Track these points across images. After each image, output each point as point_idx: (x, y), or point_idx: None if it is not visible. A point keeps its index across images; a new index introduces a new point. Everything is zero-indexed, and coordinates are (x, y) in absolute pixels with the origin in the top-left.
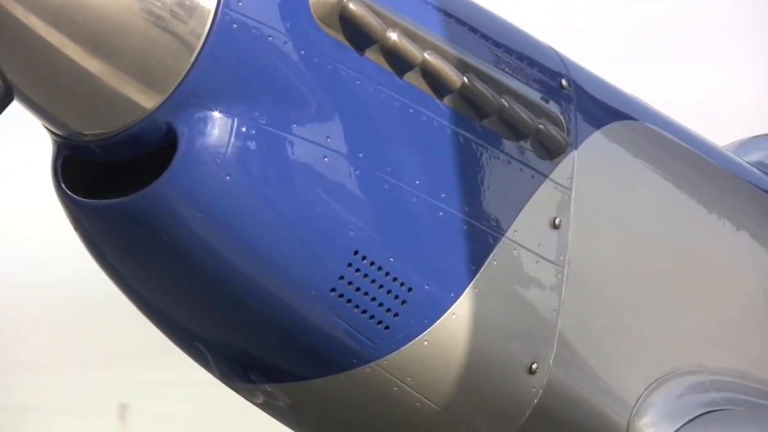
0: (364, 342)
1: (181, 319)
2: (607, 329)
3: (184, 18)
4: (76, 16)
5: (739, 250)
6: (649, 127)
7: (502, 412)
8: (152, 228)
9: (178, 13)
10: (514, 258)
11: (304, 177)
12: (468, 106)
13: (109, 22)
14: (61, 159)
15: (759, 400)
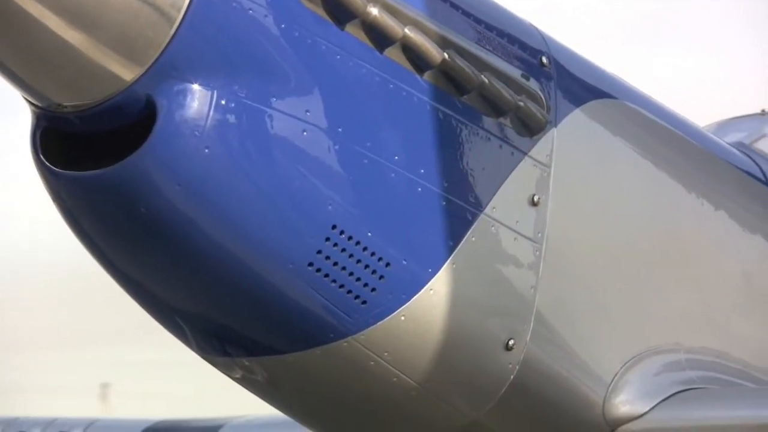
0: (341, 316)
1: (159, 292)
2: (584, 306)
3: None
4: None
5: (719, 230)
6: (629, 105)
7: (479, 388)
8: (130, 200)
9: None
10: (492, 234)
11: (283, 151)
12: (448, 83)
13: None
14: (40, 130)
15: (735, 379)
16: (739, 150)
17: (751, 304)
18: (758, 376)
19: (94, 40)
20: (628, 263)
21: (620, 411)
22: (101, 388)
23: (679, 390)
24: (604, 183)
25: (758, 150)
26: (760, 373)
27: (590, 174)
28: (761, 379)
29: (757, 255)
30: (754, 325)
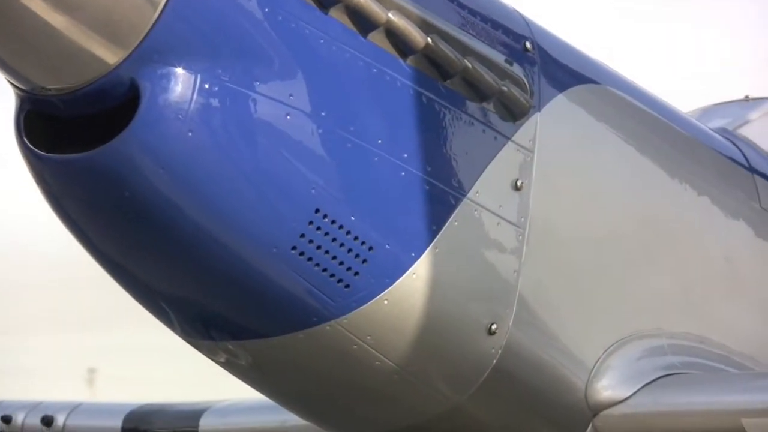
0: (324, 300)
1: (142, 276)
2: (567, 291)
3: None
4: None
5: (701, 216)
6: (612, 91)
7: (461, 372)
8: (113, 183)
9: None
10: (475, 219)
11: (266, 135)
12: (431, 67)
13: None
14: (23, 113)
15: (717, 364)
16: (723, 136)
17: (732, 290)
18: (740, 362)
19: (78, 23)
20: (611, 248)
21: (602, 396)
22: (88, 373)
23: (660, 375)
24: (587, 168)
25: (741, 136)
26: (741, 359)
27: (573, 159)
28: (743, 364)
29: (740, 240)
30: (736, 310)
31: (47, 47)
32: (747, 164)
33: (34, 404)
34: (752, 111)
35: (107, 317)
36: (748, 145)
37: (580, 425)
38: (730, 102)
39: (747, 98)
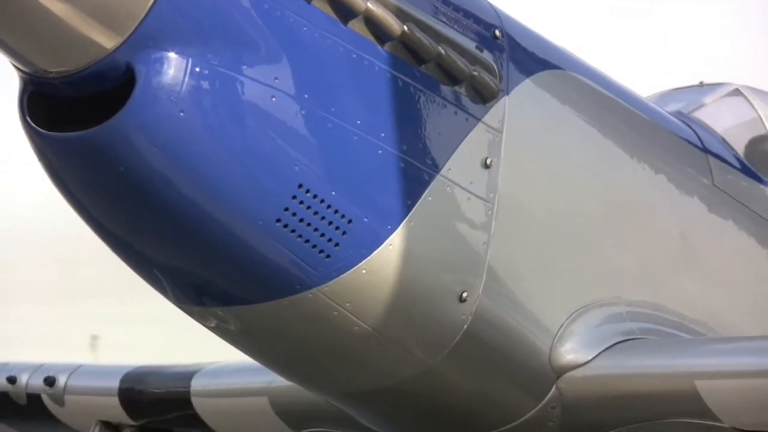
0: (306, 269)
1: (138, 246)
2: (532, 262)
3: None
4: None
5: (657, 193)
6: (575, 76)
7: (434, 337)
8: (110, 159)
9: None
10: (447, 194)
11: (253, 115)
12: (407, 53)
13: None
14: (27, 94)
15: (672, 330)
16: (679, 118)
17: (686, 262)
18: (693, 328)
19: (78, 10)
20: (574, 222)
21: (565, 359)
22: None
23: (620, 340)
24: (552, 147)
25: (696, 119)
26: (694, 325)
27: (539, 139)
28: (696, 330)
29: (693, 215)
30: (690, 280)
31: (49, 33)
32: (701, 145)
33: (37, 366)
34: (706, 96)
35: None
36: (701, 127)
37: (544, 387)
38: (685, 87)
39: (701, 84)
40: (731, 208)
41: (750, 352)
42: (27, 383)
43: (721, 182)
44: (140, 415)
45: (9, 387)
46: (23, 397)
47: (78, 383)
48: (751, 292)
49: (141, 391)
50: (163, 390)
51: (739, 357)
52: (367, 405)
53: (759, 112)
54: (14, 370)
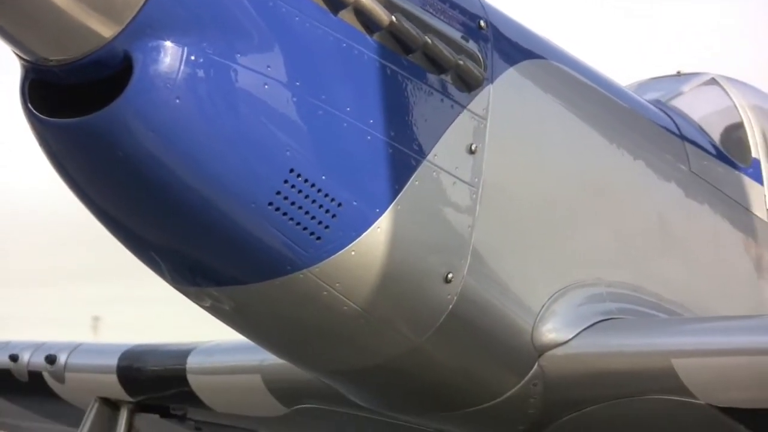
0: (297, 251)
1: (135, 229)
2: (516, 244)
3: None
4: None
5: (636, 178)
6: (557, 65)
7: (421, 316)
8: (109, 144)
9: None
10: (433, 179)
11: (246, 102)
12: (395, 42)
13: None
14: (28, 81)
15: (650, 310)
16: (657, 107)
17: (664, 244)
18: (670, 308)
19: (77, 0)
20: (555, 206)
21: (547, 338)
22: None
23: (599, 320)
24: (534, 133)
25: (673, 107)
26: (671, 306)
27: (522, 126)
28: (673, 310)
29: (670, 200)
30: (667, 262)
31: (50, 22)
32: (678, 132)
33: (38, 344)
34: (683, 84)
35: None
36: (679, 115)
37: (527, 365)
38: (663, 77)
39: (679, 73)
40: (707, 193)
41: (725, 331)
42: (29, 361)
43: (698, 168)
44: (138, 392)
45: (11, 365)
46: (25, 374)
47: (78, 361)
48: (726, 274)
49: (139, 368)
50: (160, 368)
51: (715, 336)
52: (356, 382)
53: (734, 100)
54: (16, 349)
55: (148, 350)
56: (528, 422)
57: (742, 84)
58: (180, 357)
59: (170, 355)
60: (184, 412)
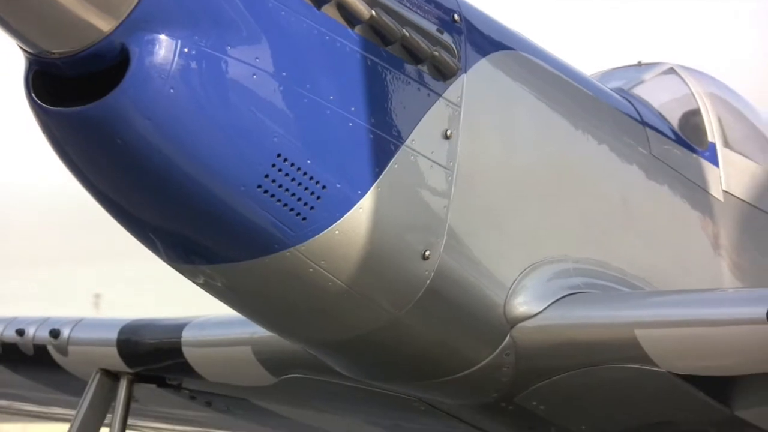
0: (284, 230)
1: (133, 211)
2: (488, 223)
3: None
4: None
5: (601, 161)
6: (526, 56)
7: (400, 291)
8: (108, 132)
9: None
10: (411, 162)
11: (236, 91)
12: (375, 35)
13: None
14: (32, 73)
15: (614, 284)
16: (620, 94)
17: (627, 223)
18: (633, 282)
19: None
20: (525, 187)
21: (518, 311)
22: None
23: (567, 293)
24: (505, 120)
25: (635, 94)
26: (634, 280)
27: (494, 112)
28: (635, 285)
29: (633, 182)
30: (630, 240)
31: (52, 17)
32: (639, 118)
33: (42, 319)
34: (644, 74)
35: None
36: (640, 102)
37: (499, 336)
38: (625, 66)
39: (640, 63)
40: (667, 175)
41: (684, 304)
42: (34, 335)
43: (658, 152)
44: (136, 364)
45: (18, 339)
46: (30, 348)
47: (80, 335)
48: (685, 250)
49: (137, 341)
50: (157, 341)
51: (674, 308)
52: (339, 353)
53: (691, 88)
54: (22, 324)
55: (146, 324)
56: (501, 389)
57: (699, 73)
58: (175, 331)
59: (166, 329)
60: (179, 382)
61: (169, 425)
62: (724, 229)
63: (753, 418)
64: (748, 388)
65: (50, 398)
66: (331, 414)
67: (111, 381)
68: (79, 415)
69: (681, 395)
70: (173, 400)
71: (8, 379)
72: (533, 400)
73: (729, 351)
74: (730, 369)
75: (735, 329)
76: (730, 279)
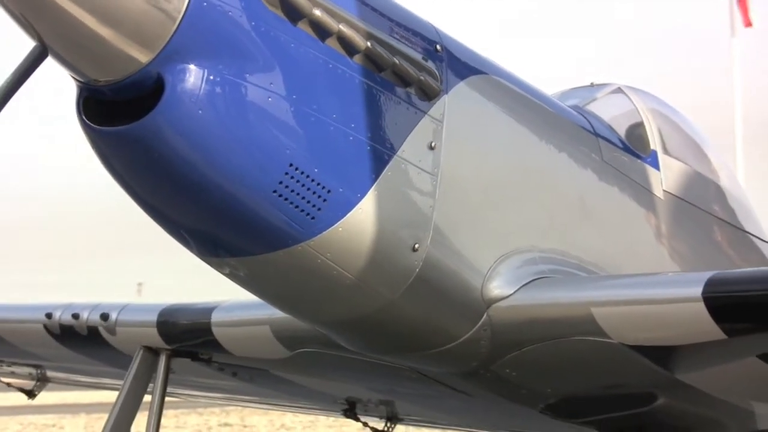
0: (296, 228)
1: (168, 212)
2: (467, 220)
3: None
4: None
5: (561, 166)
6: (497, 79)
7: (393, 278)
8: (147, 147)
9: None
10: (402, 170)
11: (254, 111)
12: (370, 63)
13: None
14: (82, 98)
15: (573, 270)
16: (576, 110)
17: (583, 218)
18: (589, 268)
19: (120, 34)
20: (498, 190)
21: (493, 293)
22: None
23: (534, 278)
24: (480, 133)
25: (588, 110)
26: (590, 266)
27: (471, 127)
28: (591, 270)
29: (587, 183)
30: (586, 233)
31: (100, 52)
32: (593, 130)
33: (94, 305)
34: (596, 93)
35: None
36: (593, 116)
37: (477, 314)
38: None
39: (592, 84)
40: (616, 177)
41: (632, 285)
42: (87, 318)
43: (609, 158)
44: (173, 341)
45: (73, 321)
46: (84, 329)
47: (126, 318)
48: (632, 240)
49: (173, 323)
50: (190, 322)
51: (624, 289)
52: (344, 330)
53: (636, 104)
54: (77, 309)
55: (181, 308)
56: (479, 359)
57: (642, 92)
58: (206, 313)
59: (198, 312)
60: (209, 357)
61: (201, 392)
62: (664, 222)
63: (690, 380)
64: (685, 355)
65: (101, 371)
66: (336, 382)
67: (152, 356)
68: (125, 385)
69: (630, 362)
70: (205, 372)
71: (66, 355)
72: (506, 367)
73: (670, 325)
74: (671, 340)
75: (675, 306)
76: (671, 264)
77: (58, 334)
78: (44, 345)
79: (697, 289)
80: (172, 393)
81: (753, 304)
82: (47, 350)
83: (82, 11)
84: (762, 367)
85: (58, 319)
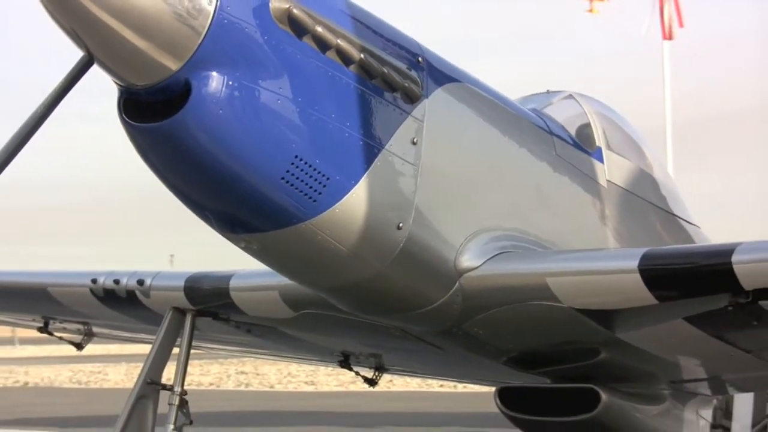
0: (300, 209)
1: (194, 195)
2: (444, 203)
3: (196, 16)
4: (131, 11)
5: (522, 159)
6: (469, 86)
7: (382, 251)
8: (176, 140)
9: (192, 13)
10: (389, 161)
11: (266, 111)
12: (363, 72)
13: (151, 17)
14: (122, 99)
15: (531, 246)
16: (534, 113)
17: (540, 203)
18: (545, 245)
19: (154, 45)
20: (469, 178)
21: (464, 265)
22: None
23: (499, 252)
24: (455, 130)
25: (545, 113)
26: (545, 243)
27: (447, 126)
28: (547, 246)
29: (544, 174)
30: (543, 215)
31: (137, 61)
32: (548, 129)
33: (132, 272)
34: (551, 98)
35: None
36: (549, 118)
37: (451, 282)
38: (538, 93)
39: (548, 91)
40: (567, 169)
41: (580, 259)
42: (126, 283)
43: (561, 153)
44: (198, 303)
45: (115, 286)
46: (124, 293)
47: (159, 283)
48: (581, 222)
49: (198, 288)
50: (212, 287)
51: (574, 263)
52: (340, 295)
53: (584, 108)
54: (118, 275)
55: (204, 275)
56: (452, 320)
57: (589, 97)
58: (225, 280)
59: (219, 279)
60: (228, 316)
61: (221, 346)
62: (608, 207)
63: (628, 338)
64: (624, 317)
65: (138, 327)
66: (334, 338)
67: (180, 316)
68: (157, 340)
69: (578, 323)
70: (224, 329)
71: (108, 314)
72: (475, 327)
73: (611, 292)
74: (612, 304)
75: (616, 277)
76: (613, 242)
77: (101, 297)
78: (90, 305)
79: (634, 263)
80: (197, 346)
81: (680, 275)
82: (92, 310)
83: (123, 27)
84: (687, 328)
85: (102, 284)
